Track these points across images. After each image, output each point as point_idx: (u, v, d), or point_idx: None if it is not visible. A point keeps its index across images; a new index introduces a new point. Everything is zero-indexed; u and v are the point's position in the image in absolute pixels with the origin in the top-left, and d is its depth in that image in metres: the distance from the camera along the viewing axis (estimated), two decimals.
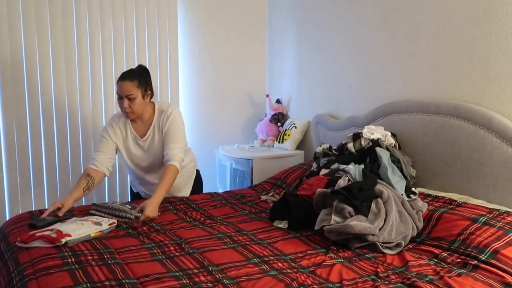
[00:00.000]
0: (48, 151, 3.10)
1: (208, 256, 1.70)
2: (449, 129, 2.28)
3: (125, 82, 2.28)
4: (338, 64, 3.16)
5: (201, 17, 3.60)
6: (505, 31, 2.10)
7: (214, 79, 3.72)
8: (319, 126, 3.24)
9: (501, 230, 1.73)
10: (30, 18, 2.93)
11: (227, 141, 3.80)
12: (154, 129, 2.44)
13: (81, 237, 1.83)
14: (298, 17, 3.53)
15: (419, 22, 2.52)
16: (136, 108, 2.33)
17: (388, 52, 2.74)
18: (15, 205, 3.03)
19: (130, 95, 2.28)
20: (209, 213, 2.30)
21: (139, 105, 2.33)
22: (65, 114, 3.13)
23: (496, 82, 2.15)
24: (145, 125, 2.45)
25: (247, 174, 3.29)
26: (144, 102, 2.36)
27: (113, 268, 1.57)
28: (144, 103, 2.36)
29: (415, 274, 1.55)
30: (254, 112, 3.93)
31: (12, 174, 2.99)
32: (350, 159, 2.39)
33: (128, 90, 2.28)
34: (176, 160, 2.34)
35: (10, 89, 2.93)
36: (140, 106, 2.34)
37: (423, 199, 2.13)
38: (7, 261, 1.71)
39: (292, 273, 1.56)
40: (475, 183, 2.18)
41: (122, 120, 2.46)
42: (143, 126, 2.45)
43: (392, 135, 2.46)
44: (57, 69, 3.06)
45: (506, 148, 2.05)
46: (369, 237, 1.77)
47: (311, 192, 2.21)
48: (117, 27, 3.23)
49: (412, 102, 2.50)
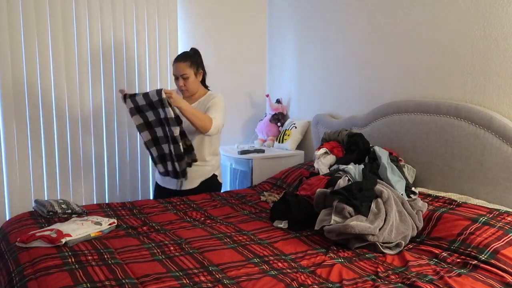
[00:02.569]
0: (48, 151, 3.10)
1: (208, 256, 1.70)
2: (449, 129, 2.28)
3: (179, 63, 2.55)
4: (338, 64, 3.16)
5: (201, 17, 3.60)
6: (505, 31, 2.10)
7: (214, 79, 3.70)
8: (319, 126, 3.24)
9: (501, 230, 1.73)
10: (30, 18, 2.93)
11: (227, 141, 3.80)
12: (198, 104, 2.62)
13: (81, 237, 1.83)
14: (298, 17, 3.53)
15: (419, 22, 2.52)
16: (190, 86, 2.59)
17: (388, 52, 2.74)
18: (15, 205, 3.03)
19: (183, 74, 2.55)
20: (209, 213, 2.30)
21: (192, 83, 2.59)
22: (65, 114, 3.13)
23: (496, 82, 2.15)
24: (193, 100, 2.65)
25: (247, 174, 3.29)
26: (197, 80, 2.62)
27: (113, 268, 1.57)
28: (197, 81, 2.62)
29: (415, 274, 1.55)
30: (254, 112, 3.93)
31: (12, 174, 2.99)
32: (350, 159, 2.40)
33: (182, 69, 2.55)
34: (215, 121, 2.46)
35: (10, 89, 2.93)
36: (194, 84, 2.60)
37: (423, 199, 2.13)
38: (7, 261, 1.71)
39: (292, 273, 1.56)
40: (475, 183, 2.18)
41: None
42: (190, 100, 2.62)
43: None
44: (57, 69, 3.06)
45: (506, 148, 2.05)
46: (369, 237, 1.77)
47: (311, 192, 2.21)
48: (117, 27, 3.23)
49: (412, 102, 2.50)
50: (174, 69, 2.59)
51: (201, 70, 2.65)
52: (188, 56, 2.60)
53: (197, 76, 2.61)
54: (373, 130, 2.74)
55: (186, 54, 2.63)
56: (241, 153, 3.29)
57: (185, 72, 2.55)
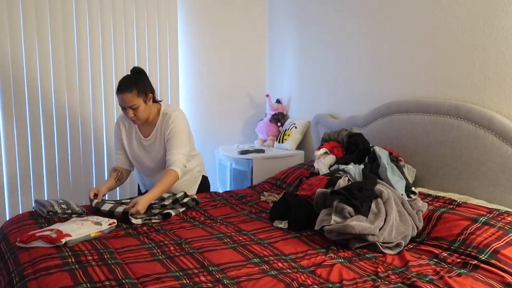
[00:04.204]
0: (48, 151, 3.10)
1: (208, 256, 1.70)
2: (449, 129, 2.28)
3: (125, 95, 2.24)
4: (338, 64, 3.16)
5: (201, 17, 3.60)
6: (505, 31, 2.10)
7: (214, 79, 3.72)
8: (319, 126, 3.24)
9: (501, 230, 1.73)
10: (30, 18, 2.93)
11: (227, 141, 3.80)
12: (157, 132, 2.42)
13: (81, 237, 1.83)
14: (298, 18, 3.53)
15: (419, 22, 2.52)
16: (141, 115, 2.32)
17: (388, 52, 2.74)
18: (15, 205, 3.03)
19: (132, 105, 2.26)
20: (209, 213, 2.30)
21: (143, 111, 2.31)
22: (65, 114, 3.13)
23: (496, 82, 2.15)
24: (150, 125, 2.44)
25: (247, 174, 3.29)
26: (148, 106, 2.33)
27: (113, 268, 1.57)
28: (148, 107, 2.34)
29: (415, 274, 1.55)
30: (254, 112, 3.93)
31: (12, 174, 2.99)
32: (350, 159, 2.40)
33: (129, 101, 2.25)
34: (177, 166, 2.31)
35: (10, 89, 2.93)
36: (145, 112, 2.33)
37: (423, 199, 2.13)
38: (7, 261, 1.71)
39: (292, 273, 1.56)
40: (475, 183, 2.18)
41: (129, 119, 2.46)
42: (147, 127, 2.44)
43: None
44: (57, 69, 3.06)
45: (506, 148, 2.05)
46: (369, 237, 1.77)
47: (311, 192, 2.21)
48: (117, 27, 3.23)
49: (412, 102, 2.50)
50: (119, 101, 2.27)
51: (150, 93, 2.33)
52: (132, 82, 2.26)
53: (147, 103, 2.31)
54: (373, 130, 2.74)
55: (129, 80, 2.28)
56: (241, 153, 3.29)
57: (134, 103, 2.25)
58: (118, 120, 2.52)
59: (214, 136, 3.77)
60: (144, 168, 2.53)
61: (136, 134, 2.47)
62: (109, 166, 3.32)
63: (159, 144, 2.43)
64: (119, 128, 2.49)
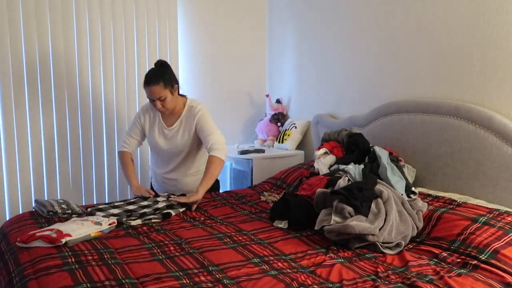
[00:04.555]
0: (48, 151, 3.10)
1: (208, 256, 1.70)
2: (449, 129, 2.28)
3: (153, 87, 2.34)
4: (338, 64, 3.16)
5: (201, 17, 3.60)
6: (505, 31, 2.10)
7: (214, 79, 3.72)
8: (319, 126, 3.24)
9: (501, 230, 1.73)
10: (30, 18, 2.93)
11: (227, 141, 3.78)
12: (181, 122, 2.51)
13: (81, 237, 1.83)
14: (298, 17, 3.53)
15: (419, 22, 2.52)
16: (169, 106, 2.42)
17: (388, 52, 2.74)
18: (15, 205, 3.03)
19: (160, 97, 2.36)
20: (209, 213, 2.30)
21: (171, 102, 2.42)
22: (65, 114, 3.13)
23: (496, 82, 2.15)
24: (174, 116, 2.53)
25: (247, 174, 3.29)
26: (174, 97, 2.44)
27: (113, 268, 1.57)
28: (175, 98, 2.45)
29: (415, 274, 1.55)
30: (254, 112, 3.93)
31: (12, 174, 2.99)
32: (350, 159, 2.40)
33: (157, 93, 2.35)
34: (218, 149, 2.40)
35: (10, 89, 2.93)
36: (172, 103, 2.43)
37: (423, 199, 2.13)
38: (7, 261, 1.71)
39: (292, 273, 1.56)
40: (475, 183, 2.18)
41: (153, 108, 2.54)
42: (171, 117, 2.53)
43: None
44: (57, 69, 3.06)
45: (506, 148, 2.05)
46: (369, 237, 1.77)
47: (311, 192, 2.21)
48: (117, 27, 3.23)
49: (412, 102, 2.50)
50: (148, 93, 2.37)
51: (176, 84, 2.43)
52: (159, 75, 2.35)
53: (173, 93, 2.41)
54: (373, 130, 2.74)
55: (156, 73, 2.37)
56: (241, 153, 3.29)
57: (161, 95, 2.35)
58: (143, 108, 2.61)
59: None
60: (160, 154, 2.61)
61: (159, 123, 2.55)
62: (110, 165, 3.32)
63: (182, 134, 2.51)
64: (142, 116, 2.58)
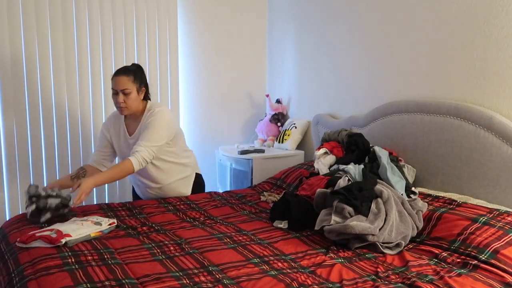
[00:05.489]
0: (48, 151, 3.10)
1: (208, 256, 1.70)
2: (449, 129, 2.28)
3: (121, 77, 2.30)
4: (338, 64, 3.16)
5: (201, 17, 3.60)
6: (505, 31, 2.10)
7: (214, 79, 3.72)
8: (319, 126, 3.24)
9: (501, 230, 1.73)
10: (30, 18, 2.93)
11: (227, 141, 3.80)
12: (140, 128, 2.39)
13: (81, 237, 1.83)
14: (298, 17, 3.53)
15: (419, 22, 2.52)
16: (130, 104, 2.33)
17: (388, 52, 2.74)
18: (15, 205, 3.03)
19: (125, 89, 2.29)
20: (209, 213, 2.30)
21: (133, 101, 2.33)
22: (65, 114, 3.13)
23: (496, 82, 2.15)
24: (136, 123, 2.44)
25: (247, 174, 3.29)
26: (139, 98, 2.36)
27: (113, 268, 1.57)
28: (139, 99, 2.37)
29: (415, 274, 1.55)
30: (254, 112, 3.93)
31: (12, 174, 2.99)
32: (350, 159, 2.40)
33: (123, 84, 2.29)
34: (135, 157, 2.23)
35: (10, 89, 2.93)
36: (134, 102, 2.34)
37: (423, 199, 2.13)
38: (7, 261, 1.71)
39: (292, 273, 1.56)
40: (475, 183, 2.18)
41: (118, 117, 2.50)
42: (133, 124, 2.44)
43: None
44: (57, 69, 3.06)
45: (506, 148, 2.05)
46: (369, 237, 1.77)
47: (311, 192, 2.21)
48: (117, 27, 3.23)
49: (412, 102, 2.50)
50: (114, 83, 2.31)
51: (144, 88, 2.39)
52: (131, 70, 2.35)
53: (139, 94, 2.35)
54: (373, 130, 2.74)
55: (128, 68, 2.37)
56: (241, 153, 3.29)
57: (127, 87, 2.29)
58: (105, 124, 2.54)
59: (214, 136, 3.77)
60: None
61: (124, 133, 2.48)
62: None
63: None
64: (106, 130, 2.51)
